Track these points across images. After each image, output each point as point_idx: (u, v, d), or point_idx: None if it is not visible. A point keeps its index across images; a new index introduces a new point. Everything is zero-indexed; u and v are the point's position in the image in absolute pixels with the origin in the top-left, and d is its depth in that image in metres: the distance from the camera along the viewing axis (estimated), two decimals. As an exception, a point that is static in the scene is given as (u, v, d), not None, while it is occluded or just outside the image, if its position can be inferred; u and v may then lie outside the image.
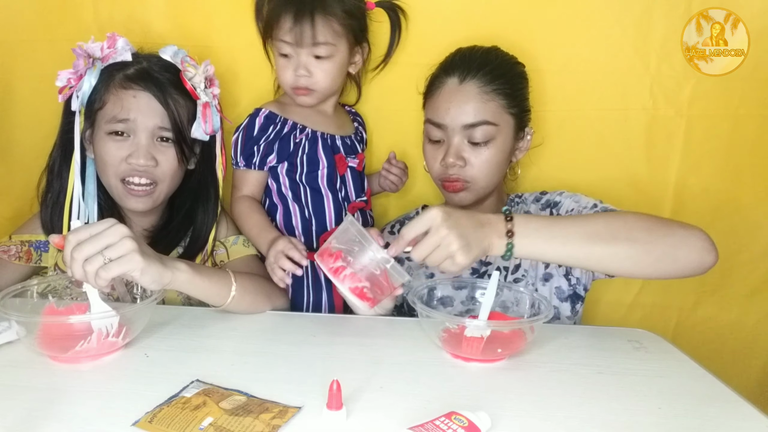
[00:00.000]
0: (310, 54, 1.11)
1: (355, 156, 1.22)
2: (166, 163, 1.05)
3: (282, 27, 1.09)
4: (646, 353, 0.89)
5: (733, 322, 1.39)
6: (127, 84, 1.03)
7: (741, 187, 1.31)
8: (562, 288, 1.11)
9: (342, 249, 0.87)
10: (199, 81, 1.06)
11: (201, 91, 1.06)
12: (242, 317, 1.00)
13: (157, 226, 1.14)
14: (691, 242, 0.89)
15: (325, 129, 1.19)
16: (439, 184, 1.14)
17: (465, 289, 1.02)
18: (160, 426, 0.63)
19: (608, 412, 0.71)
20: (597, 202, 1.08)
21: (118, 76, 1.03)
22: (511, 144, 1.12)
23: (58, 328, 0.80)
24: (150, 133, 1.03)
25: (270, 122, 1.15)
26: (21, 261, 1.08)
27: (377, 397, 0.72)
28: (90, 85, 1.02)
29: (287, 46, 1.11)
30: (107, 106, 1.03)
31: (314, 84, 1.14)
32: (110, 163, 1.03)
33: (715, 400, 0.75)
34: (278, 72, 1.16)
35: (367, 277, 0.86)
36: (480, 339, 0.81)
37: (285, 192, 1.18)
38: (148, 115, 1.03)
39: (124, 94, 1.02)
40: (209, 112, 1.06)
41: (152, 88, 1.03)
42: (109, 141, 1.03)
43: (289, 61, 1.12)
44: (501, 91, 1.08)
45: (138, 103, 1.02)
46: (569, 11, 1.23)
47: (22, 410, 0.67)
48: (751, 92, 1.24)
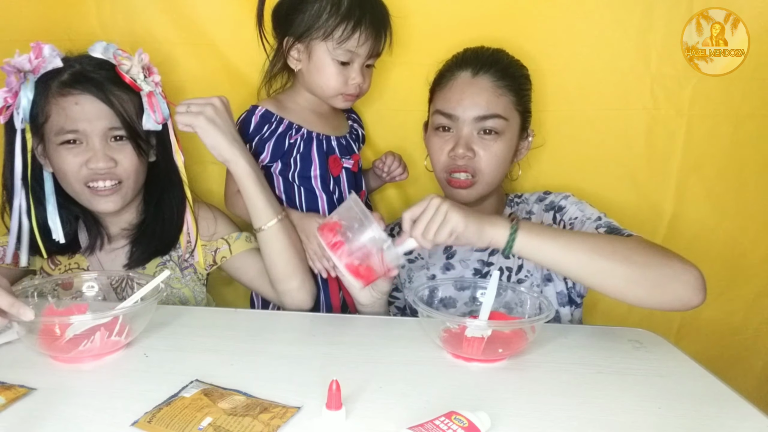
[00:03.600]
0: (365, 63, 1.13)
1: (350, 157, 1.22)
2: (126, 160, 1.04)
3: (355, 39, 1.09)
4: (646, 353, 0.89)
5: (737, 325, 1.39)
6: (65, 90, 1.00)
7: (743, 188, 1.30)
8: (562, 292, 1.11)
9: (343, 225, 0.88)
10: (137, 72, 1.02)
11: (141, 82, 1.03)
12: (241, 317, 1.01)
13: (135, 224, 1.13)
14: (686, 278, 0.89)
15: (321, 129, 1.19)
16: (443, 178, 1.14)
17: (467, 290, 1.02)
18: (159, 426, 0.63)
19: (608, 412, 0.71)
20: (601, 215, 1.07)
21: (53, 84, 1.00)
22: (516, 142, 1.13)
23: (60, 329, 0.79)
24: (102, 136, 1.01)
25: (265, 121, 1.15)
26: (9, 264, 1.08)
27: (377, 397, 0.72)
28: (28, 99, 0.98)
29: (349, 54, 1.10)
30: (52, 118, 1.00)
31: (364, 90, 1.17)
32: (70, 172, 1.02)
33: (715, 400, 0.75)
34: (327, 76, 1.12)
35: (363, 255, 0.87)
36: (481, 339, 0.81)
37: (279, 195, 1.18)
38: (95, 119, 1.00)
39: (65, 102, 1.00)
40: (155, 100, 1.03)
41: (91, 89, 1.00)
42: (63, 151, 1.01)
43: (346, 69, 1.12)
44: (511, 88, 1.10)
45: (82, 110, 1.00)
46: (570, 11, 1.23)
47: (22, 410, 0.67)
48: (751, 92, 1.24)
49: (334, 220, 0.90)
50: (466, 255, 1.16)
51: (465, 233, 0.88)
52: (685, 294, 0.89)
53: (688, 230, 1.32)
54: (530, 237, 0.89)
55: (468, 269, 1.15)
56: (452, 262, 1.17)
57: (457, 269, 1.16)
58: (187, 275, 1.15)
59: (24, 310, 0.74)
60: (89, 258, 1.12)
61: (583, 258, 0.89)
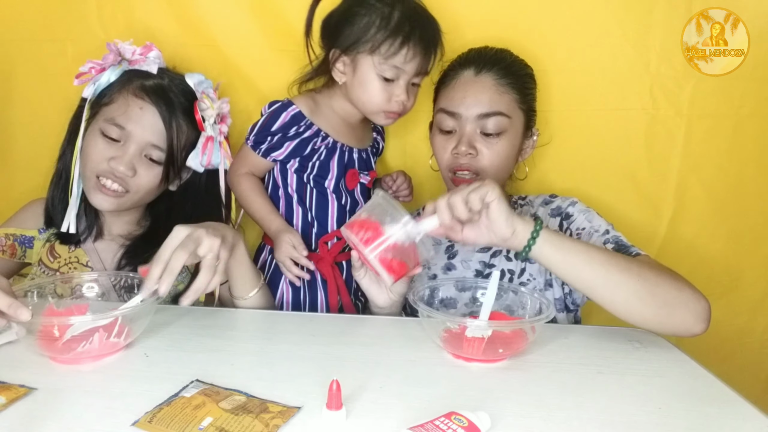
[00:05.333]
0: (411, 81, 1.10)
1: (367, 173, 1.22)
2: (146, 178, 1.06)
3: (402, 54, 1.05)
4: (646, 353, 0.89)
5: (741, 328, 1.38)
6: (140, 94, 1.04)
7: (743, 188, 1.30)
8: (560, 298, 1.11)
9: (373, 220, 0.88)
10: (210, 114, 1.08)
11: (209, 125, 1.08)
12: (241, 317, 1.00)
13: (134, 235, 1.14)
14: (692, 306, 0.89)
15: (347, 141, 1.18)
16: (448, 177, 1.14)
17: (468, 291, 1.02)
18: (159, 426, 0.63)
19: (608, 412, 0.71)
20: (609, 227, 1.06)
21: (135, 82, 1.05)
22: (520, 140, 1.13)
23: (59, 330, 0.79)
24: (140, 147, 1.04)
25: (295, 122, 1.13)
26: (5, 255, 1.08)
27: (377, 397, 0.72)
28: (108, 80, 1.04)
29: (395, 71, 1.07)
30: (113, 106, 1.04)
31: (407, 108, 1.13)
32: (92, 159, 1.04)
33: (715, 400, 0.75)
34: (373, 93, 1.09)
35: (396, 249, 0.86)
36: (481, 339, 0.81)
37: (291, 192, 1.18)
38: (146, 130, 1.04)
39: (133, 101, 1.04)
40: (211, 146, 1.08)
41: (161, 105, 1.04)
42: (100, 138, 1.04)
43: (390, 85, 1.09)
44: (514, 86, 1.10)
45: (141, 115, 1.03)
46: (570, 12, 1.23)
47: (22, 410, 0.67)
48: (751, 92, 1.24)
49: (363, 218, 0.89)
50: (468, 256, 1.16)
51: (497, 206, 0.85)
52: (690, 320, 0.88)
53: (688, 230, 1.32)
54: (551, 242, 0.87)
55: (469, 270, 1.15)
56: (453, 263, 1.17)
57: (459, 270, 1.16)
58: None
59: (21, 310, 0.74)
60: (84, 247, 1.12)
61: (599, 270, 0.87)
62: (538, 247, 0.87)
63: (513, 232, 0.87)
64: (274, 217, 1.15)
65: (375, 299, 1.02)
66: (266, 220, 1.16)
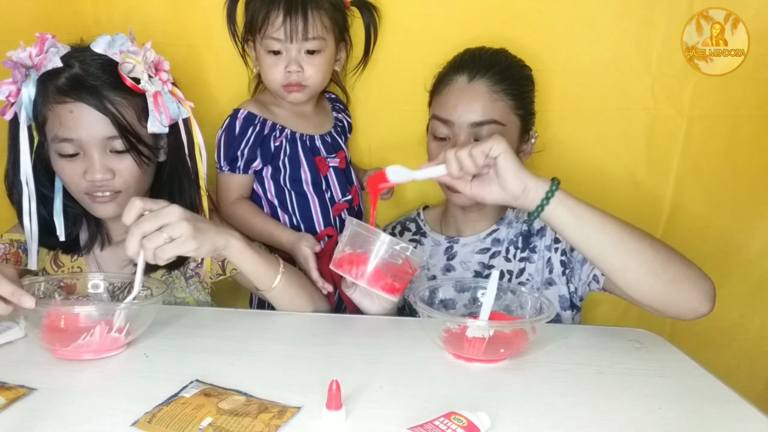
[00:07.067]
0: (301, 49, 1.10)
1: (335, 155, 1.22)
2: (125, 171, 0.98)
3: (272, 23, 1.08)
4: (646, 353, 0.89)
5: (735, 324, 1.38)
6: (61, 98, 0.94)
7: (739, 187, 1.31)
8: (564, 296, 1.11)
9: (358, 252, 0.88)
10: (141, 71, 0.95)
11: (145, 83, 0.95)
12: (241, 317, 1.00)
13: None
14: (700, 285, 0.89)
15: (305, 129, 1.18)
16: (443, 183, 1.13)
17: (468, 291, 1.01)
18: (159, 426, 0.63)
19: (608, 412, 0.70)
20: None
21: (51, 87, 0.94)
22: (516, 146, 1.12)
23: (64, 319, 0.80)
24: (100, 146, 0.96)
25: (249, 123, 1.14)
26: (9, 263, 1.07)
27: (377, 397, 0.72)
28: (29, 97, 0.94)
29: (277, 43, 1.09)
30: (48, 122, 0.96)
31: (306, 79, 1.14)
32: (69, 182, 0.99)
33: (715, 400, 0.75)
34: (267, 71, 1.13)
35: (390, 270, 0.87)
36: (482, 339, 0.81)
37: (271, 199, 1.18)
38: (91, 129, 0.94)
39: (60, 109, 0.94)
40: (162, 101, 0.96)
41: (87, 97, 0.93)
42: (61, 161, 0.97)
43: (279, 58, 1.11)
44: (509, 92, 1.08)
45: (76, 119, 0.94)
46: (570, 11, 1.23)
47: (22, 410, 0.67)
48: (751, 92, 1.24)
49: (347, 252, 0.89)
50: (467, 257, 1.16)
51: (504, 160, 0.83)
52: (697, 299, 0.89)
53: (687, 230, 1.32)
54: (566, 204, 0.86)
55: (468, 271, 1.15)
56: (453, 263, 1.17)
57: (458, 270, 1.16)
58: (192, 284, 1.13)
59: (25, 297, 0.74)
60: (87, 257, 1.11)
61: (613, 236, 0.86)
62: (552, 208, 0.85)
63: (524, 189, 0.86)
64: (280, 231, 1.14)
65: (368, 310, 1.01)
66: (274, 236, 1.14)
